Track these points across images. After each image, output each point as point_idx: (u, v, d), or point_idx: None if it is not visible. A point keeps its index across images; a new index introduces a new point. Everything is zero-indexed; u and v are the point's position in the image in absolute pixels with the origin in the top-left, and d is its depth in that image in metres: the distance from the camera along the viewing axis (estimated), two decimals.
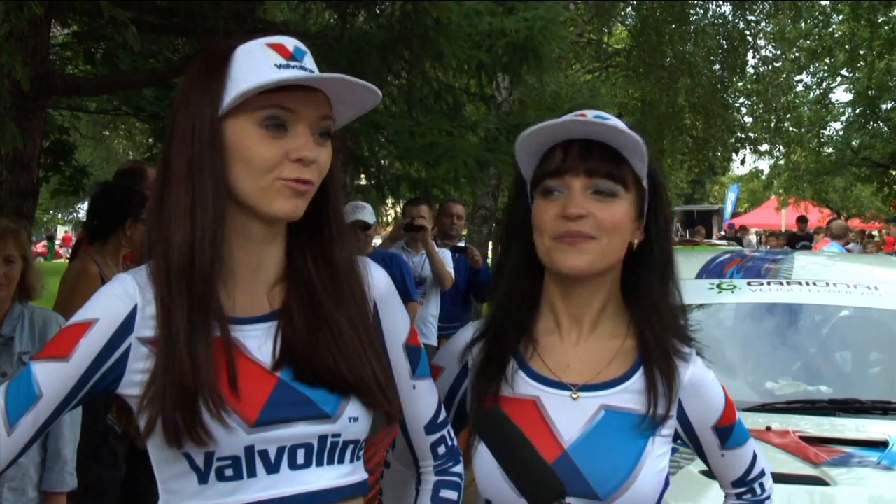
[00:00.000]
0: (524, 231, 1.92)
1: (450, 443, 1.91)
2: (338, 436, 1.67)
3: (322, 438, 1.65)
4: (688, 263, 5.47)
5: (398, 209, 14.12)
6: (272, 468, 1.62)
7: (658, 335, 1.89)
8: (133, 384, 1.63)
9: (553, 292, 1.93)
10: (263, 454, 1.61)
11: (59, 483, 3.96)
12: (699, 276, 5.16)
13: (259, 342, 1.67)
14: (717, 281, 5.02)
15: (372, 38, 7.59)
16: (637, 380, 1.88)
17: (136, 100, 9.90)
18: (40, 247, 42.34)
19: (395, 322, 1.84)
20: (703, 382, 1.92)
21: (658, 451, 1.85)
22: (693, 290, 4.97)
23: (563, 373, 1.90)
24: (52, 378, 1.59)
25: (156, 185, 1.68)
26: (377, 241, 9.34)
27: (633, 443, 1.83)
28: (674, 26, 19.98)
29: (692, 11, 20.76)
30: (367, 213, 6.83)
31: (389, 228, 8.22)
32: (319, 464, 1.66)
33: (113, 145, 27.01)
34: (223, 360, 1.60)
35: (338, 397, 1.67)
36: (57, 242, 45.20)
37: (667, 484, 1.89)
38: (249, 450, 1.60)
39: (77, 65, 10.70)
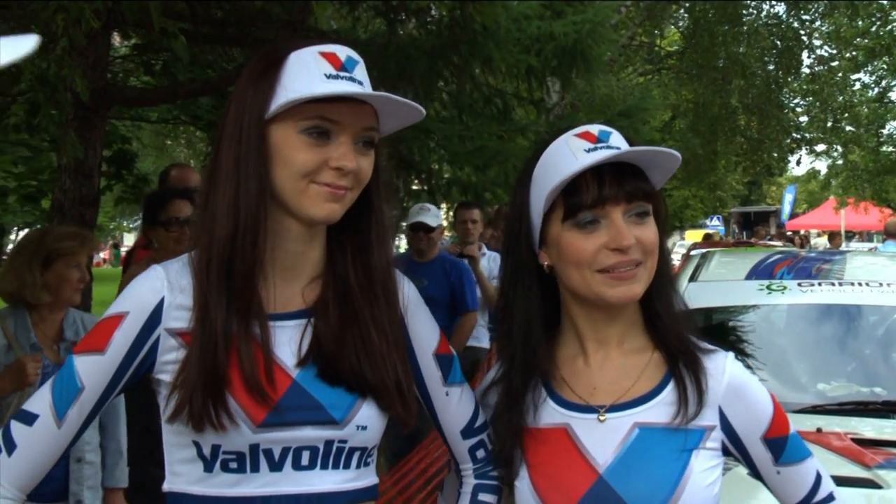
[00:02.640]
0: (531, 266, 1.86)
1: (490, 447, 1.89)
2: (344, 441, 1.67)
3: (328, 443, 1.66)
4: (737, 265, 5.43)
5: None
6: (275, 466, 1.63)
7: (681, 338, 1.83)
8: (163, 372, 1.67)
9: (578, 318, 1.87)
10: (268, 453, 1.63)
11: (121, 479, 4.02)
12: (748, 277, 5.06)
13: (288, 338, 1.68)
14: (766, 282, 4.92)
15: (421, 44, 7.62)
16: (669, 391, 1.80)
17: (193, 109, 10.04)
18: (105, 254, 43.02)
19: (424, 331, 1.84)
20: (744, 386, 1.82)
21: (704, 466, 1.75)
22: (742, 291, 4.95)
23: (591, 396, 1.83)
24: (92, 371, 1.65)
25: (204, 179, 1.71)
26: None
27: (673, 459, 1.75)
28: (726, 27, 19.74)
29: (745, 12, 20.53)
30: (430, 216, 6.77)
31: (447, 233, 8.22)
32: (324, 466, 1.66)
33: (174, 154, 27.35)
34: (246, 356, 1.62)
35: (352, 402, 1.67)
36: (123, 250, 45.90)
37: None
38: (254, 448, 1.62)
39: (138, 77, 10.86)
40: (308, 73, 1.62)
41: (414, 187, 9.97)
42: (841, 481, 3.21)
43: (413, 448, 5.34)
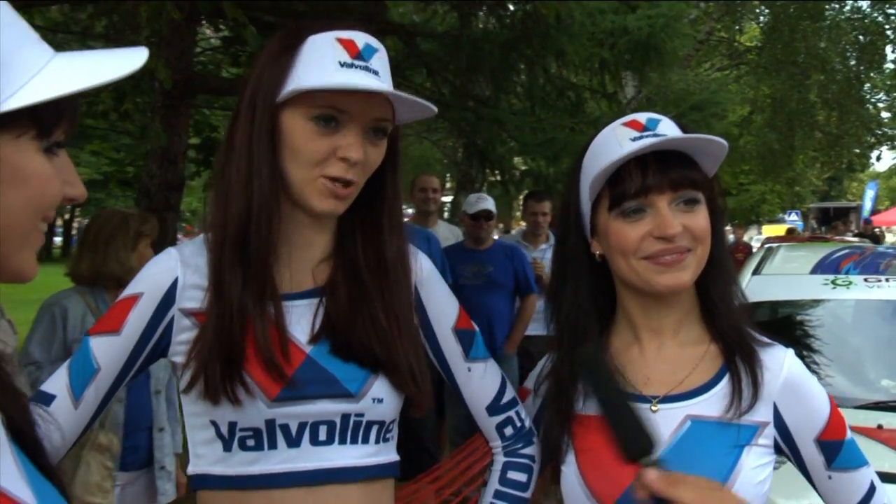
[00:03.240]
0: (581, 256, 1.81)
1: (518, 424, 1.84)
2: (361, 415, 1.63)
3: (345, 417, 1.62)
4: (803, 259, 5.29)
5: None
6: (293, 442, 1.60)
7: (738, 331, 1.75)
8: (178, 353, 1.65)
9: (631, 307, 1.81)
10: (284, 428, 1.59)
11: None
12: (814, 271, 4.93)
13: (300, 316, 1.65)
14: (831, 277, 4.78)
15: (495, 37, 7.59)
16: (724, 384, 1.72)
17: None
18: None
19: (440, 306, 1.79)
20: (802, 384, 1.73)
21: (755, 463, 1.67)
22: (806, 285, 4.84)
23: (644, 385, 1.76)
24: (107, 351, 1.62)
25: (220, 152, 1.67)
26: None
27: (724, 454, 1.67)
28: (807, 22, 19.27)
29: (827, 7, 20.00)
30: (490, 204, 6.69)
31: (523, 223, 8.22)
32: (342, 441, 1.62)
33: None
34: (260, 333, 1.59)
35: (365, 375, 1.63)
36: None
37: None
38: (271, 423, 1.58)
39: (227, 68, 11.03)
40: (321, 61, 1.57)
41: (490, 179, 9.95)
42: None
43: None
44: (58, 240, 44.12)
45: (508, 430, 1.83)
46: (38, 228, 1.03)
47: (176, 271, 1.65)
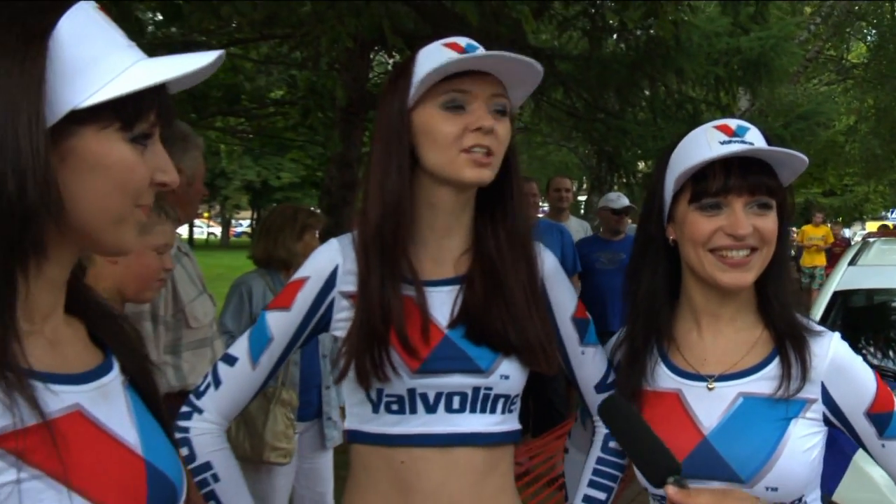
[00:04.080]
0: (659, 240, 1.74)
1: None
2: (490, 389, 1.61)
3: (476, 389, 1.60)
4: (891, 252, 5.14)
5: None
6: (430, 409, 1.59)
7: (790, 321, 1.67)
8: (338, 329, 1.66)
9: (694, 293, 1.73)
10: (423, 396, 1.58)
11: None
12: None
13: (441, 301, 1.63)
14: None
15: (621, 58, 7.49)
16: (774, 366, 1.65)
17: None
18: None
19: (562, 297, 1.75)
20: (847, 364, 1.64)
21: (802, 433, 1.59)
22: (890, 275, 4.64)
23: (701, 366, 1.70)
24: (280, 324, 1.65)
25: (364, 175, 1.70)
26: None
27: (773, 426, 1.60)
28: None
29: None
30: (621, 201, 6.70)
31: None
32: (473, 410, 1.60)
33: None
34: (405, 314, 1.59)
35: (495, 355, 1.61)
36: None
37: (831, 471, 1.65)
38: (412, 392, 1.58)
39: None
40: (433, 59, 1.55)
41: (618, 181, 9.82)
42: None
43: None
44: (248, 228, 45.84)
45: None
46: (131, 211, 1.03)
47: (336, 259, 1.66)
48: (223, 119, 8.93)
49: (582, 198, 16.77)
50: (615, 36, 8.21)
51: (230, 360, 1.66)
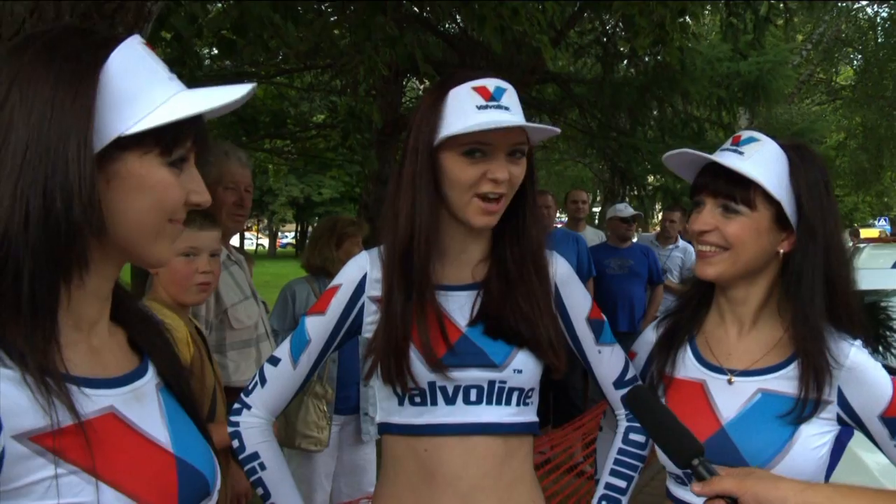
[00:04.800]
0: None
1: None
2: (504, 382, 1.59)
3: (491, 383, 1.58)
4: (886, 256, 5.11)
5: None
6: (450, 401, 1.58)
7: (811, 328, 1.58)
8: (367, 331, 1.65)
9: (718, 293, 1.71)
10: (443, 389, 1.57)
11: None
12: (894, 266, 4.69)
13: (461, 304, 1.63)
14: None
15: (632, 81, 7.47)
16: (793, 368, 1.59)
17: None
18: None
19: (576, 300, 1.71)
20: (863, 369, 1.56)
21: (814, 431, 1.54)
22: (887, 277, 4.59)
23: (726, 360, 1.66)
24: (317, 327, 1.65)
25: (392, 180, 1.65)
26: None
27: (787, 423, 1.55)
28: (895, 63, 17.85)
29: None
30: (627, 211, 6.62)
31: (657, 229, 8.10)
32: (489, 402, 1.59)
33: None
34: (426, 318, 1.58)
35: (508, 350, 1.59)
36: None
37: (834, 462, 1.58)
38: (432, 385, 1.57)
39: None
40: (463, 108, 1.52)
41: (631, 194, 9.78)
42: None
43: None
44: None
45: None
46: (165, 227, 1.04)
47: (365, 268, 1.65)
48: (270, 141, 8.98)
49: (596, 209, 16.68)
50: (626, 62, 8.25)
51: (274, 361, 1.67)
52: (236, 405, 1.68)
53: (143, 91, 0.98)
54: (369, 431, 3.83)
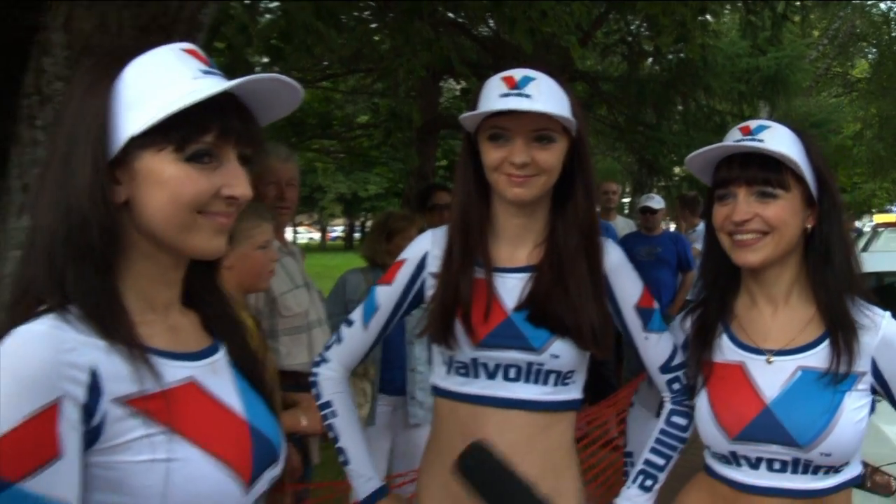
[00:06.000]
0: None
1: (684, 381, 1.70)
2: (541, 364, 1.57)
3: (529, 364, 1.57)
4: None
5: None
6: (490, 376, 1.58)
7: (841, 303, 1.53)
8: (426, 302, 1.68)
9: (747, 276, 1.64)
10: (484, 366, 1.57)
11: None
12: None
13: (511, 286, 1.60)
14: None
15: (657, 78, 7.36)
16: (828, 343, 1.53)
17: None
18: None
19: (626, 289, 1.67)
20: (895, 341, 1.52)
21: (855, 405, 1.49)
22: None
23: (763, 341, 1.58)
24: (384, 296, 1.70)
25: (454, 181, 1.69)
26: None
27: (830, 397, 1.49)
28: None
29: None
30: (657, 202, 6.46)
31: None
32: (527, 381, 1.58)
33: None
34: (475, 294, 1.58)
35: (549, 337, 1.56)
36: None
37: None
38: (475, 360, 1.57)
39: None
40: (488, 96, 1.51)
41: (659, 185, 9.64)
42: None
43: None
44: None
45: (676, 386, 1.70)
46: (195, 219, 1.02)
47: (427, 246, 1.68)
48: (318, 141, 9.02)
49: (626, 199, 16.50)
50: (650, 59, 8.13)
51: (349, 323, 1.74)
52: (317, 358, 1.75)
53: (157, 92, 0.98)
54: (417, 415, 3.78)
